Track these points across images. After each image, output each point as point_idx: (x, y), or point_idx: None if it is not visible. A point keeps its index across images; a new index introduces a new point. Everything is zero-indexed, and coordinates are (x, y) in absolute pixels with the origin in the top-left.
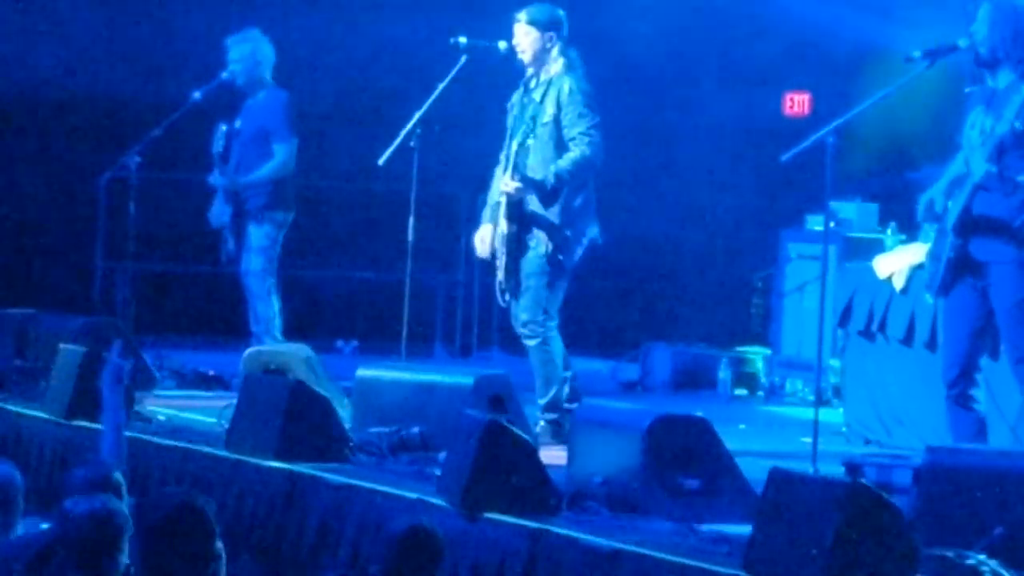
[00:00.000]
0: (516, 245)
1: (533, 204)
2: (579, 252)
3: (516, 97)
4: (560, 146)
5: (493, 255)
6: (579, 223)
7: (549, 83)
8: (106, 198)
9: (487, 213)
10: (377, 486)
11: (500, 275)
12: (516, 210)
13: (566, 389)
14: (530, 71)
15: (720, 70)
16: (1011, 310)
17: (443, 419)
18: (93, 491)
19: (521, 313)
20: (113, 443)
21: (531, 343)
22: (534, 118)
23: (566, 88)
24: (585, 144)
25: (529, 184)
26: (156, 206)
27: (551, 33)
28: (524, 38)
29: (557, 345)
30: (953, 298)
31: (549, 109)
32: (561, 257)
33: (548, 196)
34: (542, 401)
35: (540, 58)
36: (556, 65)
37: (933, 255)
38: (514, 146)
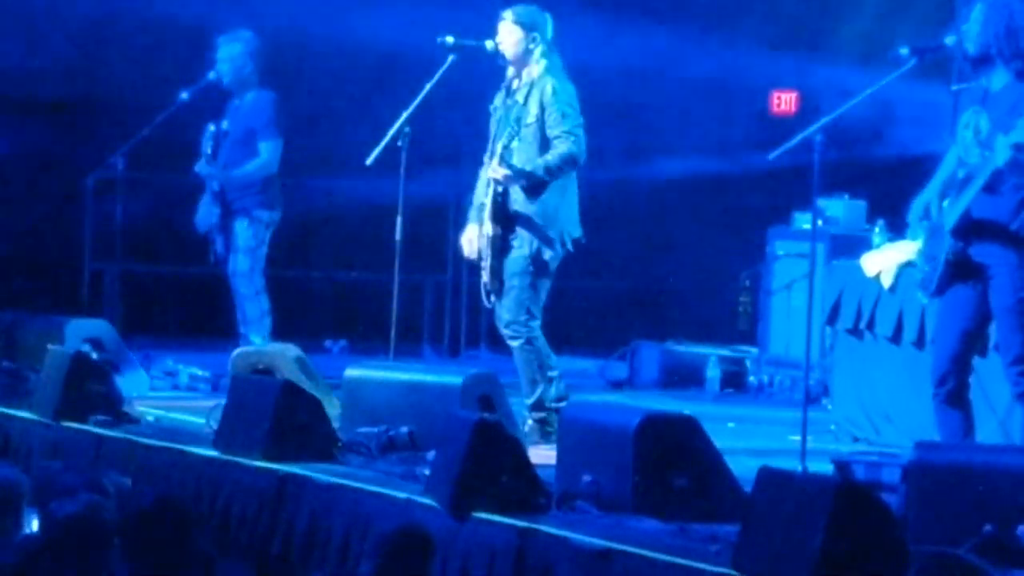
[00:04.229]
0: (500, 246)
1: (517, 203)
2: (563, 252)
3: (499, 99)
4: (544, 146)
5: (479, 256)
6: (563, 223)
7: (532, 84)
8: (93, 199)
9: (473, 214)
10: (366, 486)
11: (485, 277)
12: (500, 210)
13: (553, 388)
14: (511, 72)
15: (708, 68)
16: (1007, 312)
17: (432, 419)
18: (78, 493)
19: (504, 313)
20: None
21: (515, 343)
22: (518, 119)
23: (549, 89)
24: (571, 141)
25: (517, 172)
26: (144, 207)
27: (535, 34)
28: (508, 36)
29: (541, 344)
30: (949, 297)
31: (533, 110)
32: (545, 257)
33: (532, 193)
34: (528, 401)
35: (522, 58)
36: (538, 66)
37: (928, 255)
38: (499, 147)
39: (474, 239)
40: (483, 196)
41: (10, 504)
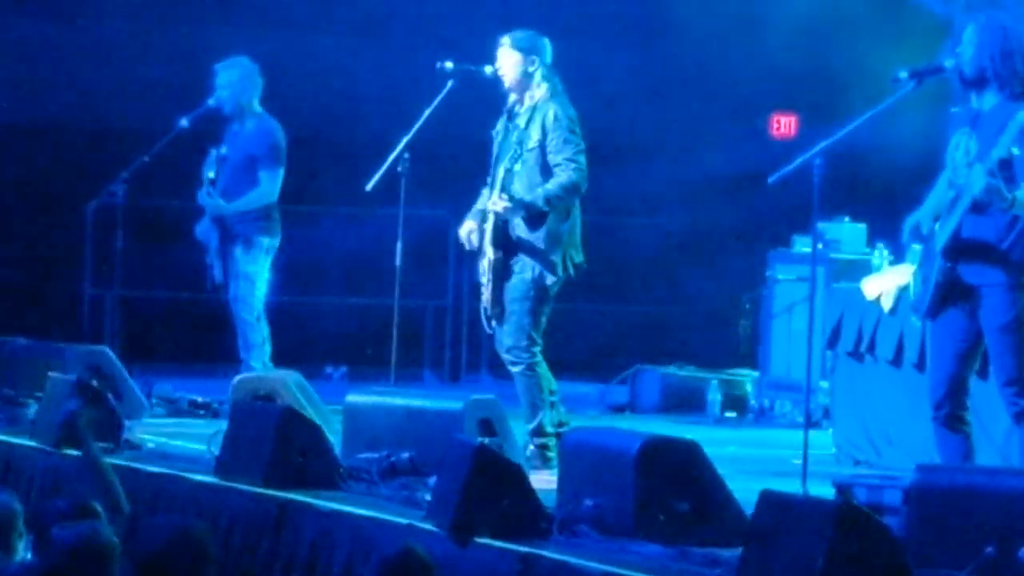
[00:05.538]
0: (502, 271)
1: (519, 229)
2: (564, 277)
3: (500, 124)
4: (545, 171)
5: (479, 247)
6: (564, 248)
7: (534, 109)
8: (94, 225)
9: (470, 215)
10: (367, 512)
11: (486, 302)
12: (502, 236)
13: (552, 412)
14: (513, 97)
15: (708, 91)
16: (999, 332)
17: (433, 444)
18: (74, 519)
19: (505, 339)
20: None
21: (515, 369)
22: (520, 143)
23: (551, 114)
24: (572, 169)
25: (518, 204)
26: (144, 233)
27: (533, 57)
28: (507, 61)
29: (542, 370)
30: (941, 319)
31: (534, 135)
32: (547, 283)
33: (534, 219)
34: (530, 427)
35: (522, 82)
36: (540, 90)
37: (921, 277)
38: (501, 171)
39: (474, 228)
40: (482, 205)
41: (2, 530)
